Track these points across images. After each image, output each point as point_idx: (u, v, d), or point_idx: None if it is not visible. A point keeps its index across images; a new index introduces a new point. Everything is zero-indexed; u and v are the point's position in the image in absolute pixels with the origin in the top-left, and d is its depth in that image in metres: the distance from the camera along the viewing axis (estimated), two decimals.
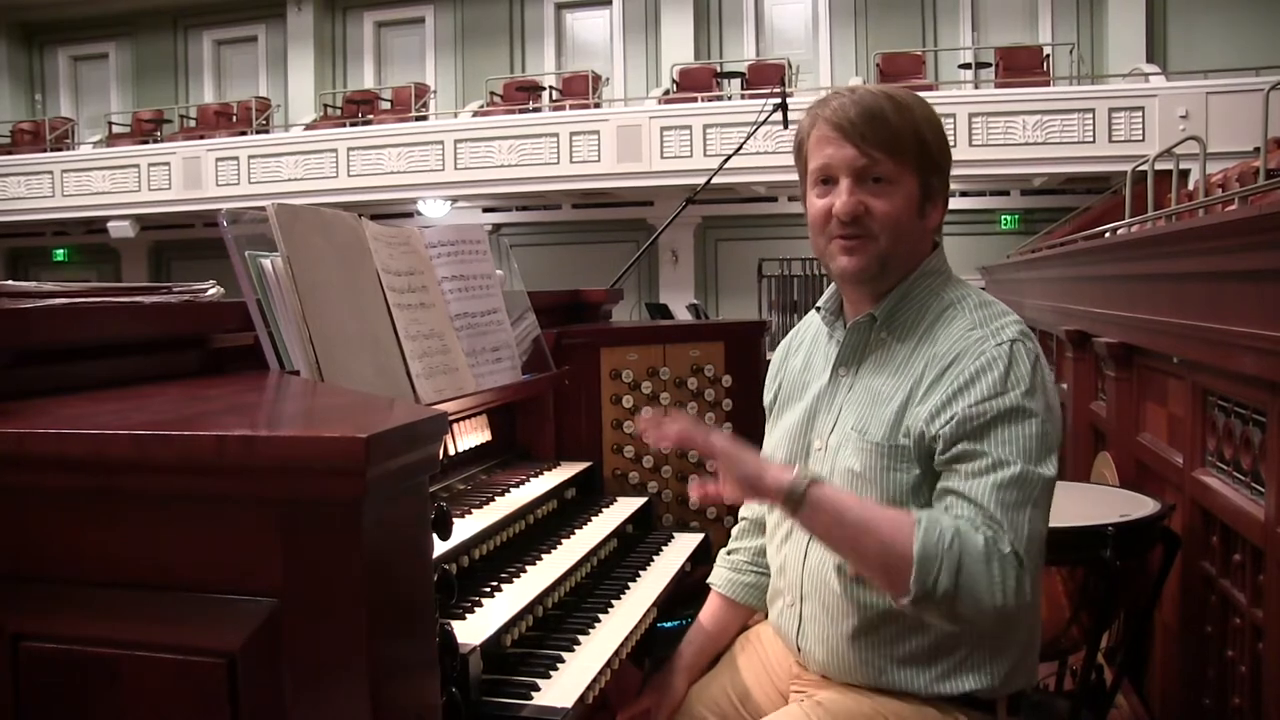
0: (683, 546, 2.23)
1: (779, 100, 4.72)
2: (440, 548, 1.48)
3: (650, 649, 1.96)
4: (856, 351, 1.60)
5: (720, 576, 1.86)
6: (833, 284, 1.67)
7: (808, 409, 1.65)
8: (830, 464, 1.56)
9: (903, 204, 1.51)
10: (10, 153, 15.80)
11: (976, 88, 12.40)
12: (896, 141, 1.49)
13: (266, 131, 15.05)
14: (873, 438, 1.50)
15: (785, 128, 4.68)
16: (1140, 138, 10.50)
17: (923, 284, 1.57)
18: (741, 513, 1.91)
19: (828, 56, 14.03)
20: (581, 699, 1.46)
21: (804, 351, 1.74)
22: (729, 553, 1.88)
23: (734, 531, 1.91)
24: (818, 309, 1.70)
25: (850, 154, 1.49)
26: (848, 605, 1.54)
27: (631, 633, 1.71)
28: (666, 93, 13.64)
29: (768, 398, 1.81)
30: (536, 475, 2.21)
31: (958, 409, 1.42)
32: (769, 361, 1.85)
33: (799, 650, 1.63)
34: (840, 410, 1.58)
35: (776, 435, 1.72)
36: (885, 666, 1.51)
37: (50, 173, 14.90)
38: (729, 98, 13.14)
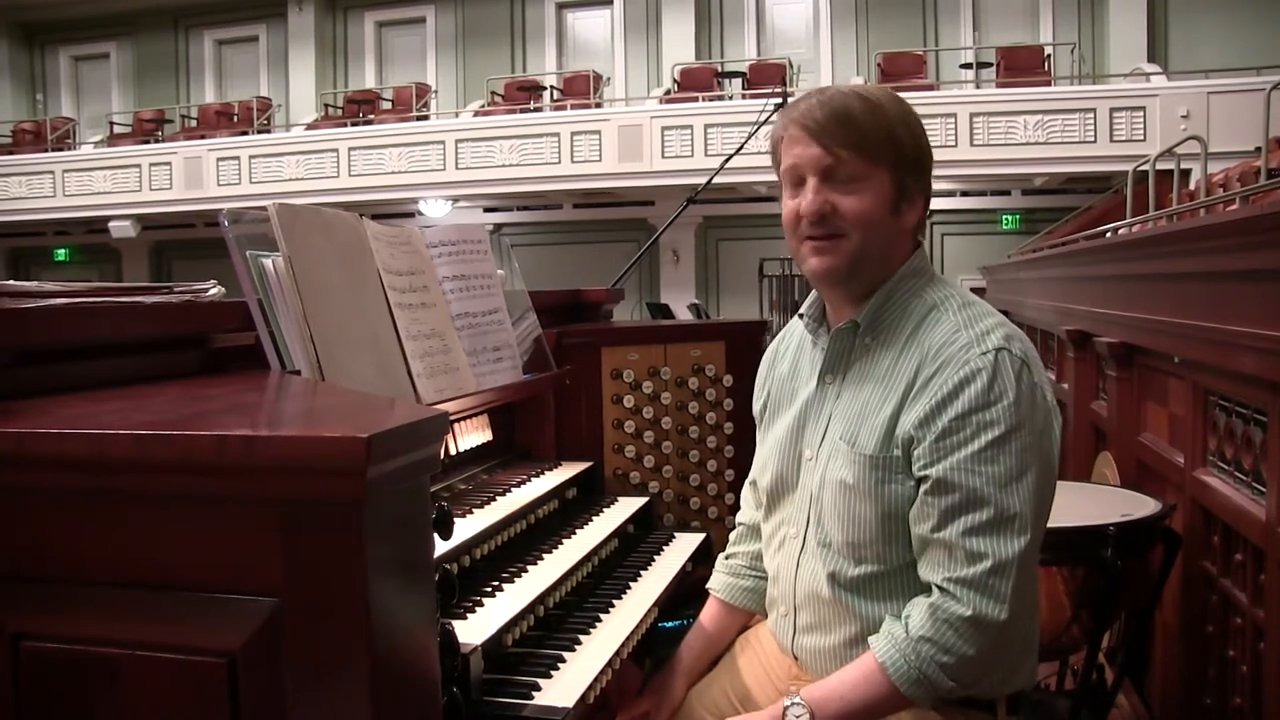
0: (684, 546, 2.23)
1: (780, 100, 4.72)
2: (441, 547, 1.48)
3: (651, 649, 1.96)
4: (841, 359, 1.58)
5: (718, 581, 1.85)
6: (814, 289, 1.65)
7: (797, 417, 1.63)
8: (821, 475, 1.56)
9: (873, 202, 1.50)
10: (11, 153, 15.81)
11: (977, 87, 12.40)
12: (864, 140, 1.48)
13: (267, 131, 15.06)
14: (863, 449, 1.49)
15: None
16: (1141, 137, 10.49)
17: (905, 286, 1.55)
18: (739, 518, 1.90)
19: (828, 56, 14.03)
20: (583, 699, 1.46)
21: (790, 357, 1.73)
22: (727, 557, 1.88)
23: (731, 536, 1.91)
24: (800, 315, 1.68)
25: (816, 153, 1.49)
26: (841, 614, 1.54)
27: (633, 632, 1.71)
28: (667, 92, 13.64)
29: (757, 406, 1.80)
30: (537, 475, 2.21)
31: (941, 422, 1.41)
32: (755, 386, 1.84)
33: (796, 659, 1.64)
34: (829, 419, 1.57)
35: (768, 446, 1.71)
36: None
37: (51, 173, 14.91)
38: (730, 97, 13.13)
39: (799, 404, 1.64)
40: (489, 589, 1.65)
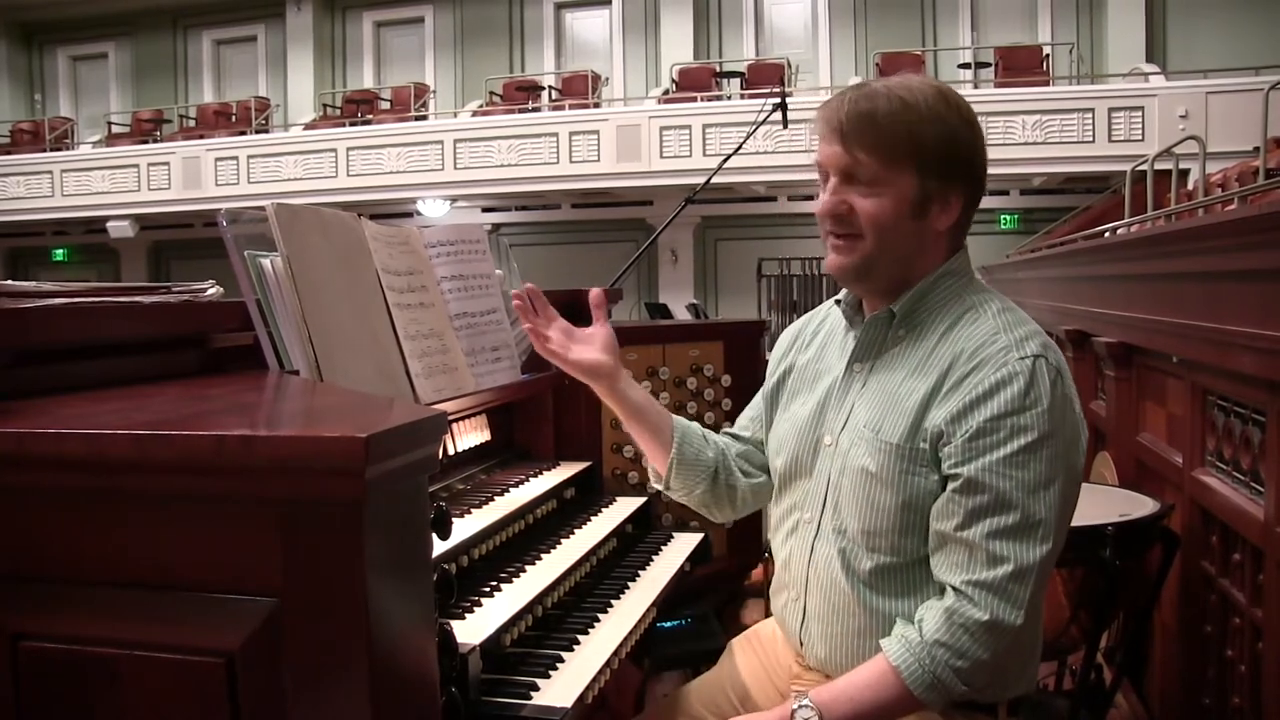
0: (682, 546, 2.22)
1: (778, 100, 4.72)
2: (440, 547, 1.49)
3: (650, 649, 1.97)
4: (873, 347, 1.58)
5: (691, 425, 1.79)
6: None
7: (819, 402, 1.62)
8: (841, 462, 1.55)
9: (891, 205, 1.48)
10: (10, 153, 15.80)
11: (976, 87, 12.40)
12: (883, 142, 1.47)
13: (266, 131, 15.05)
14: (888, 438, 1.48)
15: (784, 127, 4.68)
16: (1140, 137, 10.50)
17: (943, 285, 1.54)
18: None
19: (827, 56, 14.04)
20: (581, 699, 1.46)
21: (818, 343, 1.72)
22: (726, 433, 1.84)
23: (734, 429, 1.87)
24: (838, 301, 1.67)
25: (836, 152, 1.49)
26: (854, 603, 1.53)
27: (631, 632, 1.71)
28: (666, 92, 13.64)
29: (770, 382, 1.78)
30: (536, 475, 2.21)
31: (974, 421, 1.41)
32: (769, 359, 1.83)
33: (801, 644, 1.63)
34: (852, 407, 1.56)
35: (784, 427, 1.69)
36: None
37: (50, 173, 14.90)
38: (728, 97, 13.14)
39: (822, 389, 1.63)
40: (487, 589, 1.65)
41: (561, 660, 1.56)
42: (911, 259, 1.53)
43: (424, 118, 14.54)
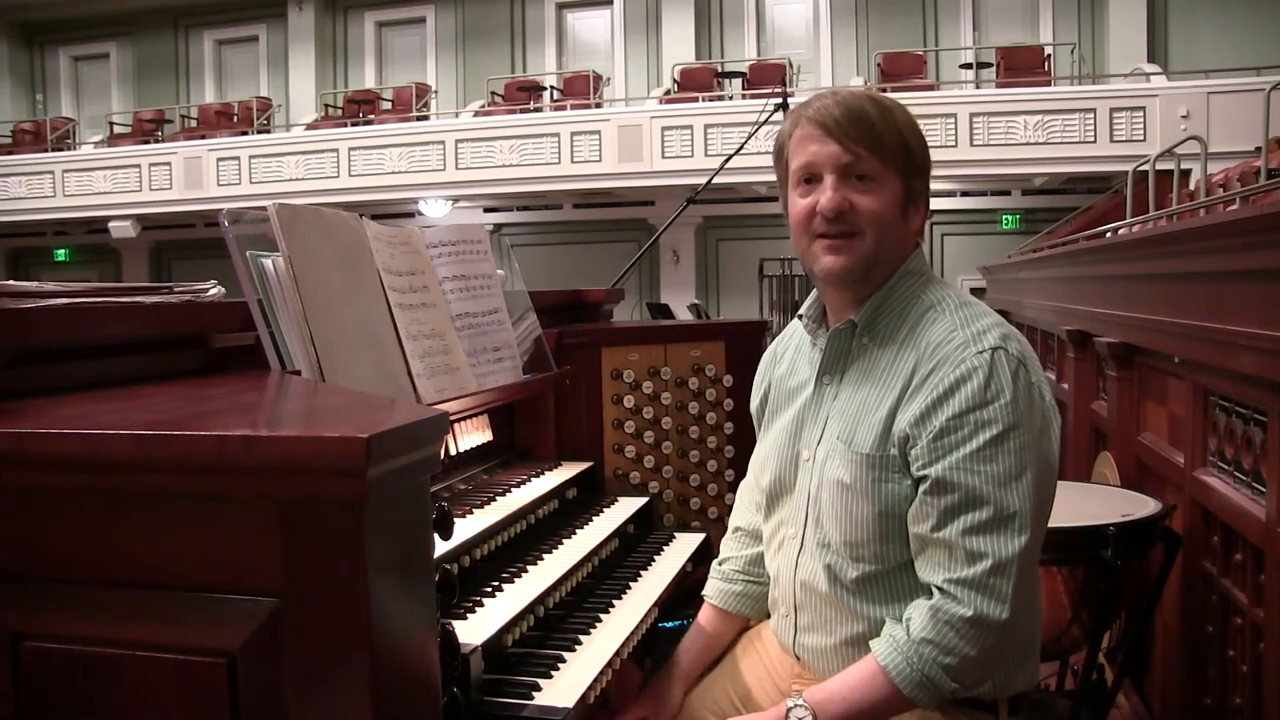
0: (684, 546, 2.23)
1: (780, 100, 4.73)
2: (441, 548, 1.48)
3: (651, 649, 1.97)
4: (839, 359, 1.59)
5: (712, 587, 1.85)
6: (814, 290, 1.66)
7: (794, 418, 1.64)
8: (818, 476, 1.56)
9: (888, 202, 1.51)
10: (11, 153, 15.80)
11: (977, 87, 12.39)
12: (880, 141, 1.49)
13: (267, 131, 15.05)
14: (860, 448, 1.49)
15: None
16: (1141, 137, 10.49)
17: (903, 286, 1.55)
18: (733, 521, 1.90)
19: (828, 56, 14.02)
20: (583, 699, 1.46)
21: (789, 359, 1.74)
22: (720, 563, 1.87)
23: (724, 541, 1.90)
24: (799, 316, 1.69)
25: (835, 151, 1.49)
26: (841, 613, 1.54)
27: (633, 633, 1.71)
28: (667, 92, 13.63)
29: (754, 405, 1.81)
30: (537, 475, 2.21)
31: (938, 421, 1.42)
32: (753, 386, 1.85)
33: (798, 659, 1.64)
34: (826, 420, 1.58)
35: (766, 446, 1.72)
36: None
37: (51, 173, 14.90)
38: (730, 98, 13.12)
39: (797, 405, 1.65)
40: (489, 589, 1.65)
41: (563, 660, 1.56)
42: (897, 260, 1.56)
43: (425, 118, 14.54)
